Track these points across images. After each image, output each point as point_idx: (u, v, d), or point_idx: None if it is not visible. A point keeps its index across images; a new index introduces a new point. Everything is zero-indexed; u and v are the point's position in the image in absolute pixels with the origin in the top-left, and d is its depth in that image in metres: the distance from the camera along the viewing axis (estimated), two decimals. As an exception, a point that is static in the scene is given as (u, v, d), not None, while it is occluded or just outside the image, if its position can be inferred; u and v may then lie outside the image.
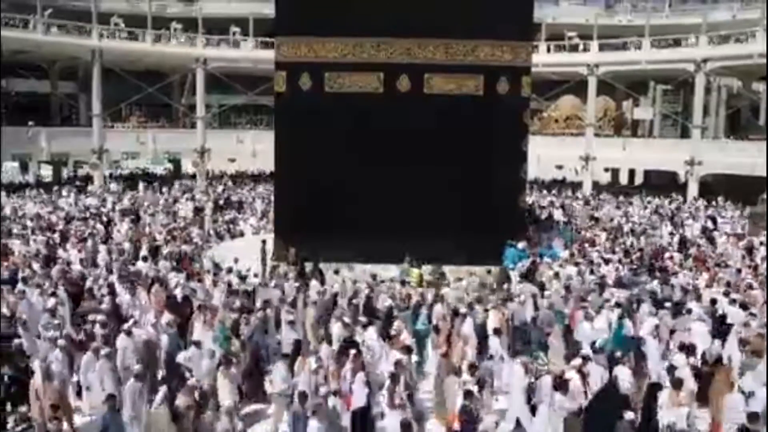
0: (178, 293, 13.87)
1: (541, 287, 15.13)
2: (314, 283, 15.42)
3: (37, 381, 9.33)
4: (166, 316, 12.17)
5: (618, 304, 13.53)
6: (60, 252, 18.87)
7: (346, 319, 12.08)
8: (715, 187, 35.25)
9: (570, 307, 13.49)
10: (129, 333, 10.98)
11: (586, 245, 21.91)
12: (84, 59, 37.94)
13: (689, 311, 13.17)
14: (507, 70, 18.55)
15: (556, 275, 16.18)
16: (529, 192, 26.91)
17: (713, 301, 13.87)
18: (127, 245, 19.76)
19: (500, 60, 18.50)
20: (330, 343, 11.16)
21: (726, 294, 14.94)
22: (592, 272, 17.05)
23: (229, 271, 16.30)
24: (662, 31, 39.01)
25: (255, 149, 38.96)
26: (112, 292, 13.70)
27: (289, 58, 18.53)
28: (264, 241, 19.22)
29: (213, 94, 43.33)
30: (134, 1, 43.74)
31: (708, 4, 41.13)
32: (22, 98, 42.01)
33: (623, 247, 21.82)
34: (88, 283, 14.55)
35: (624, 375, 10.02)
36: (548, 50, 40.02)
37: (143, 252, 18.98)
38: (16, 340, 11.04)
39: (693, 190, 35.11)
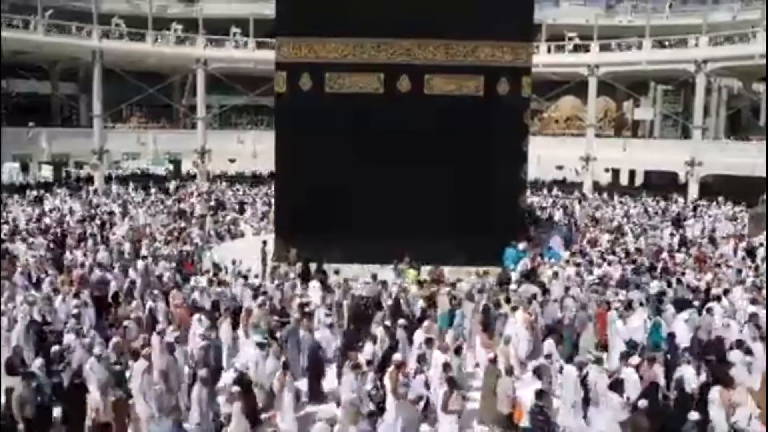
0: (196, 297, 13.74)
1: (542, 287, 15.13)
2: (314, 284, 15.44)
3: (94, 396, 9.01)
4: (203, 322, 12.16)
5: (640, 303, 13.73)
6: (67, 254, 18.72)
7: (387, 323, 12.14)
8: (715, 187, 35.23)
9: (592, 307, 13.59)
10: (174, 343, 10.80)
11: (587, 245, 21.93)
12: (85, 60, 37.98)
13: (709, 310, 13.28)
14: (507, 71, 18.55)
15: (555, 275, 16.17)
16: (529, 192, 26.88)
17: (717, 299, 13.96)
18: (127, 246, 19.73)
19: (500, 60, 18.50)
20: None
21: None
22: (591, 272, 17.04)
23: (241, 275, 16.30)
24: (663, 32, 39.03)
25: (255, 150, 38.95)
26: (141, 297, 13.68)
27: (289, 58, 18.54)
28: (264, 242, 19.24)
29: (213, 94, 43.37)
30: (135, 1, 43.81)
31: (708, 4, 41.05)
32: (23, 99, 42.07)
33: (624, 247, 21.81)
34: (113, 288, 14.42)
35: (689, 375, 10.03)
36: (549, 51, 40.03)
37: (143, 252, 19.03)
38: (55, 347, 10.78)
39: (693, 190, 35.11)
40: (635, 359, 10.29)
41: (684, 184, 36.96)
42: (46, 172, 39.45)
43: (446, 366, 9.99)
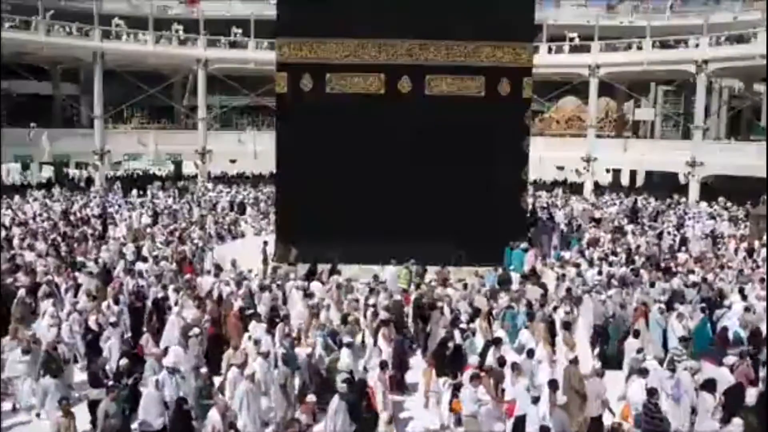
0: (237, 304, 13.47)
1: (543, 288, 15.15)
2: (315, 284, 15.45)
3: (214, 418, 8.71)
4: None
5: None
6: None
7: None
8: (716, 188, 35.22)
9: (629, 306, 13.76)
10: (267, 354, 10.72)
11: (587, 246, 21.96)
12: (86, 61, 38.01)
13: (729, 308, 13.49)
14: (508, 72, 18.56)
15: (560, 277, 16.19)
16: (530, 193, 26.87)
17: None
18: (131, 246, 19.71)
19: (501, 61, 18.51)
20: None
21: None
22: (600, 273, 17.09)
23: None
24: (663, 32, 39.05)
25: (256, 150, 39.00)
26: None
27: (290, 59, 18.54)
28: (265, 242, 19.25)
29: (214, 95, 43.42)
30: (135, 2, 43.85)
31: (709, 5, 41.09)
32: (24, 99, 42.05)
33: (625, 247, 21.82)
34: (151, 295, 14.22)
35: None
36: (549, 51, 40.00)
37: (144, 252, 19.03)
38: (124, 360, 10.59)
39: (694, 191, 35.08)
40: (730, 359, 10.34)
41: (685, 184, 36.94)
42: (46, 173, 39.45)
43: (515, 366, 10.05)
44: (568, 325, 12.27)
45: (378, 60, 18.42)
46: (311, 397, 9.49)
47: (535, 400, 9.01)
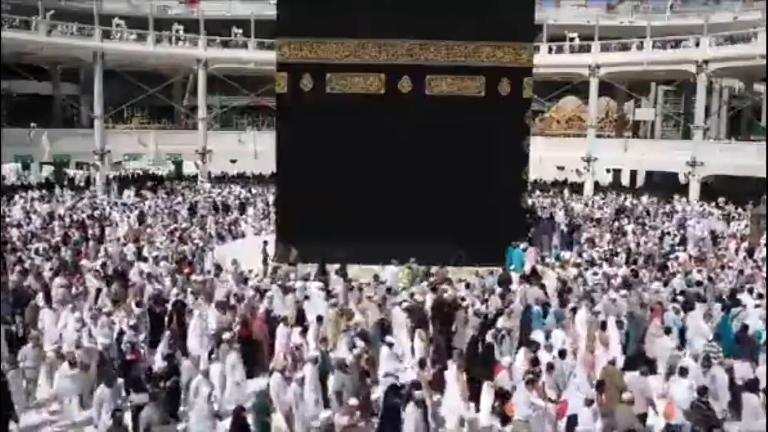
0: (263, 307, 13.29)
1: (543, 288, 15.13)
2: (317, 284, 15.42)
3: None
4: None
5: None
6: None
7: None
8: (716, 188, 35.22)
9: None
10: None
11: (587, 246, 21.95)
12: (86, 61, 38.00)
13: (745, 306, 13.54)
14: (508, 72, 18.54)
15: (562, 280, 16.19)
16: (530, 193, 26.89)
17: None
18: (132, 247, 19.67)
19: (502, 61, 18.50)
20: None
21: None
22: (595, 273, 17.07)
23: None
24: (664, 32, 39.03)
25: (256, 150, 39.01)
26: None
27: (290, 59, 18.53)
28: (266, 242, 19.25)
29: (214, 95, 43.42)
30: (135, 2, 43.84)
31: (709, 5, 41.06)
32: (24, 99, 42.07)
33: (625, 247, 21.82)
34: (172, 298, 13.97)
35: None
36: (550, 51, 40.00)
37: (145, 253, 19.03)
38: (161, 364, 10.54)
39: (694, 191, 35.08)
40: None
41: (685, 184, 36.95)
42: (44, 173, 39.44)
43: (551, 367, 10.06)
44: (604, 325, 12.28)
45: (378, 60, 18.41)
46: (353, 401, 9.39)
47: (589, 402, 8.98)
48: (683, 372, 10.06)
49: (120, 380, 10.37)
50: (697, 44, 35.84)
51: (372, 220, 16.83)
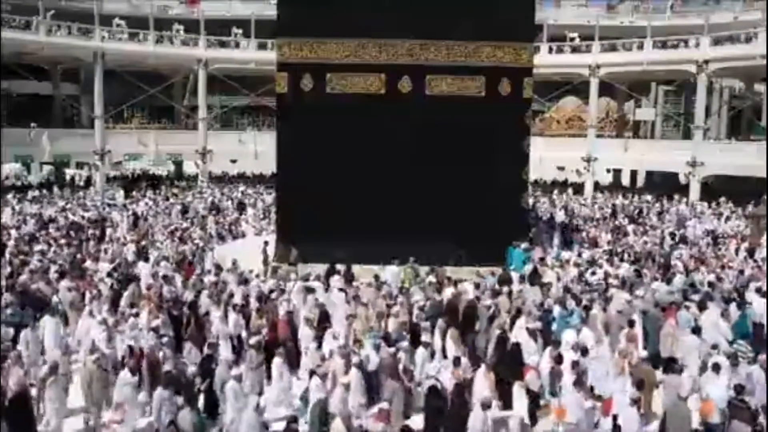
0: (283, 309, 13.17)
1: (543, 288, 15.12)
2: (317, 284, 15.40)
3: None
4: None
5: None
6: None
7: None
8: (716, 188, 35.21)
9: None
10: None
11: (587, 246, 21.94)
12: (86, 61, 38.02)
13: (743, 303, 13.64)
14: (509, 72, 18.54)
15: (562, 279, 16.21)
16: (531, 193, 26.87)
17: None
18: (132, 248, 19.67)
19: (502, 61, 18.49)
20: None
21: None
22: (593, 273, 17.05)
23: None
24: (664, 32, 39.00)
25: (257, 150, 39.02)
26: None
27: (290, 59, 18.52)
28: (266, 242, 19.25)
29: (215, 95, 43.43)
30: (136, 2, 43.85)
31: (709, 5, 41.05)
32: (24, 100, 42.08)
33: (625, 247, 21.81)
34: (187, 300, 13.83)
35: None
36: (550, 51, 39.98)
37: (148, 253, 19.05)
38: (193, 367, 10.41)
39: (695, 191, 35.08)
40: None
41: (685, 184, 36.95)
42: (44, 173, 39.51)
43: (575, 365, 10.05)
44: (632, 323, 12.28)
45: (378, 60, 18.40)
46: (385, 404, 9.30)
47: (634, 402, 8.97)
48: (717, 369, 10.05)
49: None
50: (698, 44, 35.84)
51: (372, 220, 16.84)
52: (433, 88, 18.48)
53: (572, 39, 41.39)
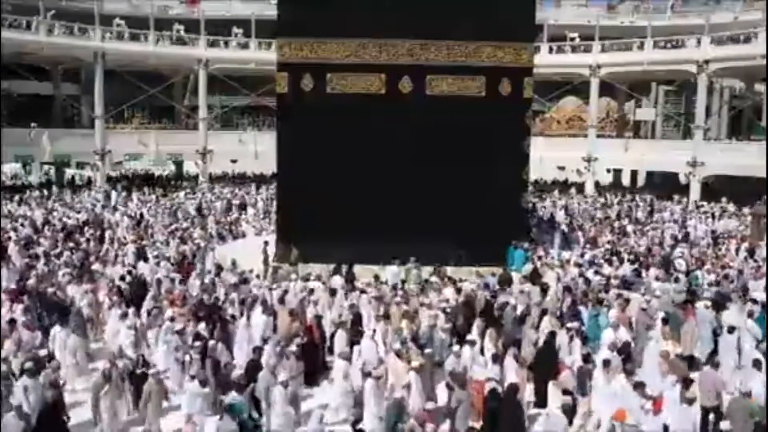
0: (310, 312, 13.12)
1: (543, 288, 15.12)
2: (318, 284, 15.40)
3: None
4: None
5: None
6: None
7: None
8: (717, 188, 35.20)
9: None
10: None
11: (588, 246, 21.93)
12: (86, 61, 38.05)
13: (755, 302, 13.56)
14: (509, 72, 18.54)
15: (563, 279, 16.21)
16: (531, 193, 26.89)
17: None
18: (132, 248, 19.65)
19: (502, 61, 18.50)
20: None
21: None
22: (597, 273, 17.06)
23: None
24: (664, 32, 39.02)
25: (257, 150, 39.02)
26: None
27: (291, 59, 18.53)
28: (266, 242, 19.24)
29: (215, 95, 43.43)
30: (136, 2, 43.86)
31: (710, 5, 41.03)
32: (25, 100, 42.09)
33: (626, 247, 21.80)
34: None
35: None
36: (550, 51, 39.99)
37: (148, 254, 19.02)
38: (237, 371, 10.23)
39: (695, 191, 35.08)
40: None
41: (686, 184, 36.95)
42: (41, 173, 39.53)
43: (606, 363, 10.11)
44: (665, 321, 12.33)
45: (379, 60, 18.41)
46: (430, 404, 9.27)
47: (690, 402, 8.97)
48: (758, 365, 10.06)
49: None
50: (698, 44, 35.83)
51: (373, 220, 16.84)
52: (433, 88, 18.48)
53: (572, 39, 41.39)
